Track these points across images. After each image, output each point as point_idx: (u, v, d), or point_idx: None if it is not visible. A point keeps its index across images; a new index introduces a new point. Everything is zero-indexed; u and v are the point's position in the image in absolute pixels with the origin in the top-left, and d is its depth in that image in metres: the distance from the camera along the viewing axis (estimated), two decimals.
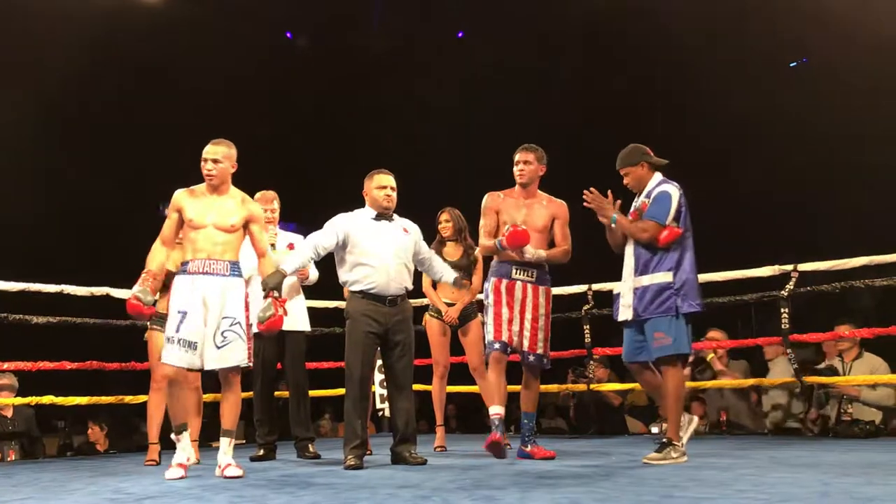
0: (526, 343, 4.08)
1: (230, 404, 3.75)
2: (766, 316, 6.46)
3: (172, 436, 3.72)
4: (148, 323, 4.70)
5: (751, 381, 5.67)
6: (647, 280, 3.78)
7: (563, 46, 8.90)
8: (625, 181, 3.95)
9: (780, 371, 5.56)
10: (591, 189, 3.89)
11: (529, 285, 4.10)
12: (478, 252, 5.00)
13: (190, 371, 3.80)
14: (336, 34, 9.35)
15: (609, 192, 3.93)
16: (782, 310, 5.15)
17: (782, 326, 5.14)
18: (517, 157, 4.22)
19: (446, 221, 5.02)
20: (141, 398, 5.20)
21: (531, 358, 4.11)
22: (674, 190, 3.80)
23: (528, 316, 4.07)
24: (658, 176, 3.90)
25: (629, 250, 3.88)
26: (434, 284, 4.98)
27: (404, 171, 4.31)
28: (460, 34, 9.74)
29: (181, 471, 3.57)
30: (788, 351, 5.16)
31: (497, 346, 4.05)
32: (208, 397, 4.97)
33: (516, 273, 4.10)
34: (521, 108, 8.96)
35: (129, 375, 5.68)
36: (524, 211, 4.17)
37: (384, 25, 9.37)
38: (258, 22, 9.06)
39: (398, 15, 9.26)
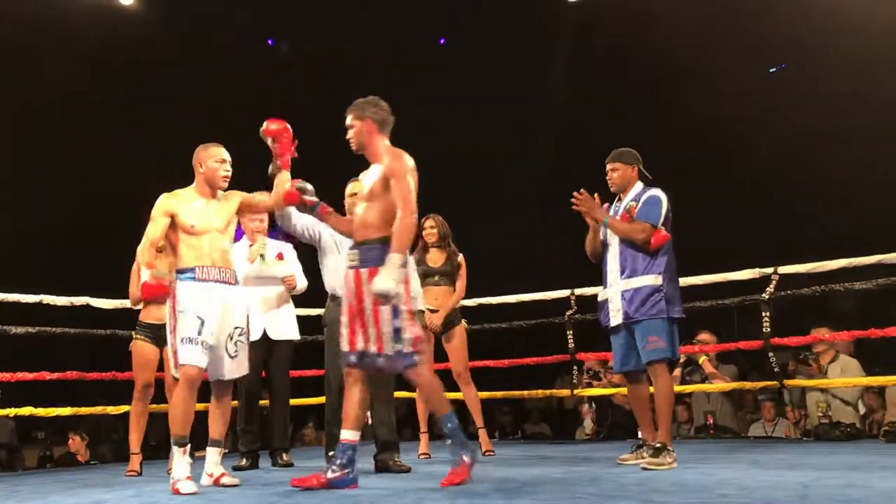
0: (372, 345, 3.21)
1: (225, 414, 3.70)
2: (748, 319, 6.50)
3: (175, 448, 3.40)
4: (133, 333, 4.67)
5: (735, 385, 5.70)
6: (636, 283, 3.74)
7: (549, 50, 8.93)
8: (610, 176, 3.94)
9: None
10: (582, 191, 3.88)
11: (352, 272, 3.26)
12: (461, 258, 5.01)
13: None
14: (318, 41, 9.34)
15: (596, 194, 3.91)
16: (763, 313, 5.18)
17: (763, 330, 5.17)
18: None
19: (431, 228, 5.02)
20: (122, 408, 5.16)
21: (378, 361, 3.21)
22: (663, 195, 3.84)
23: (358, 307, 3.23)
24: (640, 183, 3.93)
25: (613, 255, 3.86)
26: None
27: None
28: (442, 41, 9.75)
29: (194, 485, 3.32)
30: (770, 354, 5.18)
31: (351, 358, 3.28)
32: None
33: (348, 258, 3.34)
34: (508, 111, 9.00)
35: (109, 386, 5.63)
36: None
37: (366, 32, 9.36)
38: (240, 29, 9.03)
39: (380, 21, 9.26)
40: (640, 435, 4.10)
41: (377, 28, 9.28)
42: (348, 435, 3.26)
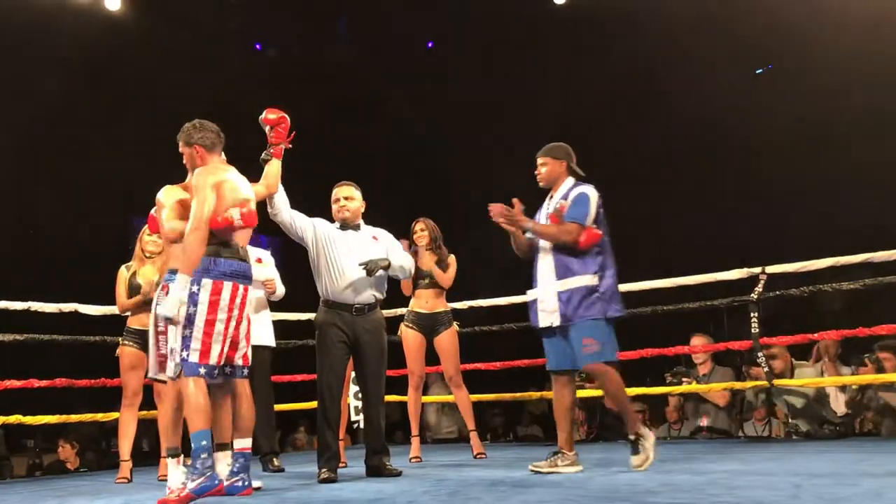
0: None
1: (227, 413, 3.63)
2: (739, 320, 6.52)
3: (171, 459, 3.48)
4: (120, 339, 4.65)
5: (724, 385, 5.71)
6: (571, 283, 3.61)
7: (538, 51, 8.94)
8: (539, 170, 3.85)
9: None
10: (492, 205, 3.72)
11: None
12: (451, 258, 5.02)
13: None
14: (306, 45, 9.34)
15: (516, 200, 3.76)
16: (752, 314, 5.19)
17: (752, 330, 5.18)
18: None
19: (421, 231, 5.04)
20: (112, 415, 5.14)
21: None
22: (592, 192, 3.71)
23: None
24: (571, 179, 3.81)
25: (544, 255, 3.72)
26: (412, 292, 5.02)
27: (377, 180, 4.29)
28: (430, 44, 9.76)
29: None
30: (760, 355, 5.20)
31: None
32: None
33: None
34: (492, 115, 9.01)
35: (99, 392, 5.60)
36: None
37: (353, 36, 9.37)
38: (227, 34, 9.01)
39: (367, 26, 9.26)
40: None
41: (365, 31, 9.29)
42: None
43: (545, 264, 3.71)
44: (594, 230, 3.64)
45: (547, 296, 3.68)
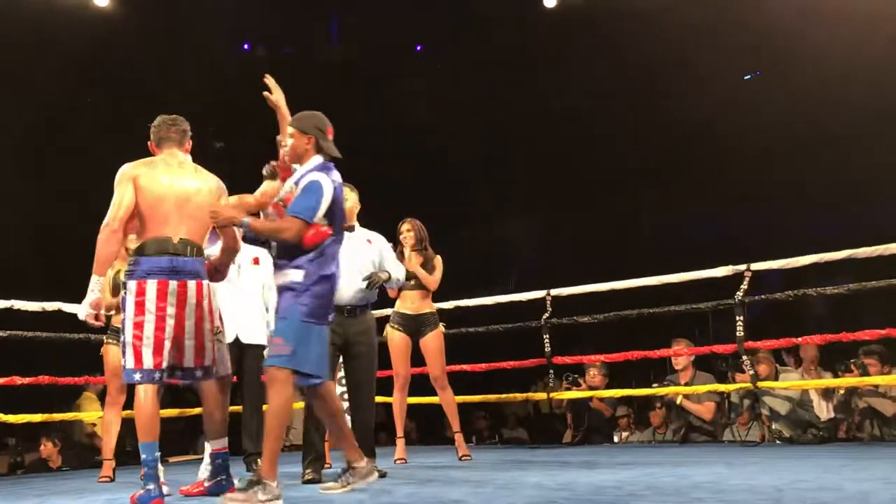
0: None
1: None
2: (723, 324, 6.56)
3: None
4: (104, 337, 4.62)
5: (708, 388, 5.72)
6: (280, 278, 3.08)
7: (530, 55, 8.97)
8: (283, 144, 3.29)
9: None
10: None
11: None
12: (437, 259, 5.01)
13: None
14: (295, 45, 9.32)
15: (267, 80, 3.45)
16: (737, 317, 5.21)
17: (737, 334, 5.20)
18: None
19: (408, 231, 5.02)
20: (96, 414, 5.10)
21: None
22: (326, 181, 3.07)
23: None
24: (317, 159, 3.16)
25: (273, 245, 3.23)
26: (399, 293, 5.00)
27: (367, 181, 4.29)
28: (418, 48, 9.77)
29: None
30: (744, 358, 5.22)
31: None
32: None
33: None
34: (485, 117, 9.03)
35: (82, 391, 5.56)
36: None
37: (343, 38, 9.37)
38: (216, 33, 8.98)
39: (357, 27, 9.26)
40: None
41: (355, 33, 9.29)
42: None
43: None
44: (322, 228, 3.04)
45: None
